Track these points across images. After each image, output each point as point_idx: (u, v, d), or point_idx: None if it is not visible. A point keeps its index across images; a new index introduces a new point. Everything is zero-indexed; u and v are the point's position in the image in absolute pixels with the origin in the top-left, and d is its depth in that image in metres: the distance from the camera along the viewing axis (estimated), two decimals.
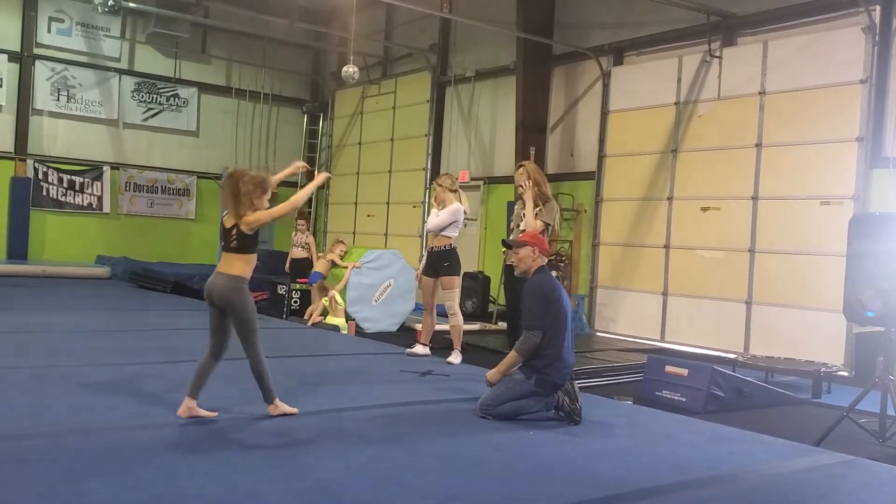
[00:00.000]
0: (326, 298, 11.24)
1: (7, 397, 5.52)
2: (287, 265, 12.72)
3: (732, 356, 9.89)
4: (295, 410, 5.41)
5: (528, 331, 5.74)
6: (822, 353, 9.64)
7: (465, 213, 8.60)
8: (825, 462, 5.16)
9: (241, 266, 5.20)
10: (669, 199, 12.12)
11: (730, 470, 4.86)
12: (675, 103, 12.13)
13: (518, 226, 7.77)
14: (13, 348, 7.60)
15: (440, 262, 8.45)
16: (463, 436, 5.23)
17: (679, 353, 10.31)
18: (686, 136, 12.01)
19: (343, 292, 11.28)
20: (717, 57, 11.59)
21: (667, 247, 12.11)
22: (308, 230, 13.03)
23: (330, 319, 11.13)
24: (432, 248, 8.52)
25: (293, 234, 12.70)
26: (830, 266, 9.73)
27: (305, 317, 11.76)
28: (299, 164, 6.06)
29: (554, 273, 6.07)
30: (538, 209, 7.57)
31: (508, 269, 7.99)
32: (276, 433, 4.98)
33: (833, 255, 9.61)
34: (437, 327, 8.93)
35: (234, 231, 5.19)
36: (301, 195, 5.51)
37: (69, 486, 3.77)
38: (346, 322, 11.16)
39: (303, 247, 12.63)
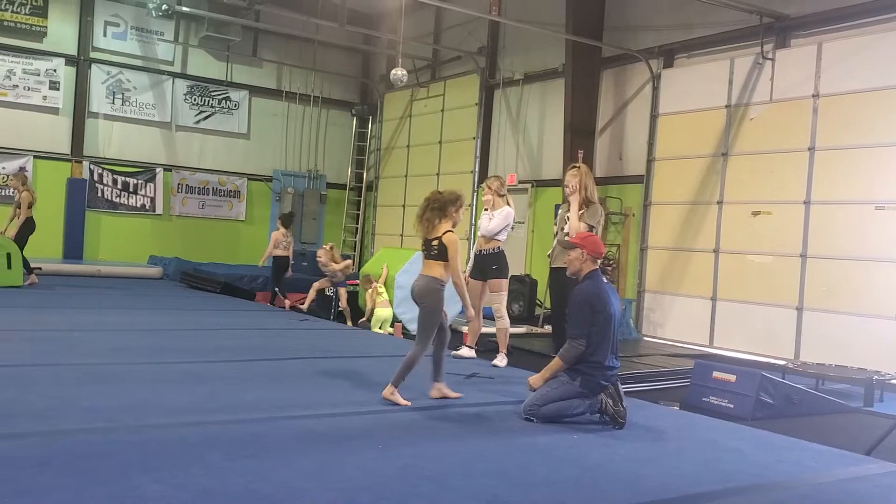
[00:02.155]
0: (370, 288, 11.33)
1: (63, 394, 5.65)
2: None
3: (782, 363, 9.75)
4: (407, 403, 5.96)
5: (573, 339, 5.73)
6: (875, 361, 9.47)
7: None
8: (876, 472, 5.05)
9: (440, 271, 6.11)
10: (719, 202, 11.99)
11: (777, 478, 4.79)
12: (726, 106, 12.00)
13: (562, 228, 7.74)
14: (69, 346, 7.77)
15: (489, 265, 8.45)
16: (507, 438, 5.23)
17: (728, 359, 10.19)
18: (737, 139, 11.87)
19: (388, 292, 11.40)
20: (769, 59, 11.45)
21: (716, 251, 11.98)
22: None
23: (377, 312, 11.16)
24: (480, 250, 8.51)
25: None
26: (885, 272, 9.57)
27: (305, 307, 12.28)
28: None
29: (605, 280, 6.02)
30: (582, 212, 7.55)
31: (553, 272, 7.96)
32: (322, 434, 5.03)
33: (887, 260, 9.45)
34: (483, 330, 8.93)
35: (436, 242, 6.13)
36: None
37: (120, 480, 3.85)
38: (393, 323, 11.23)
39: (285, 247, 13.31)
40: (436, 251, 6.12)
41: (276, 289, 13.40)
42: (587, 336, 5.68)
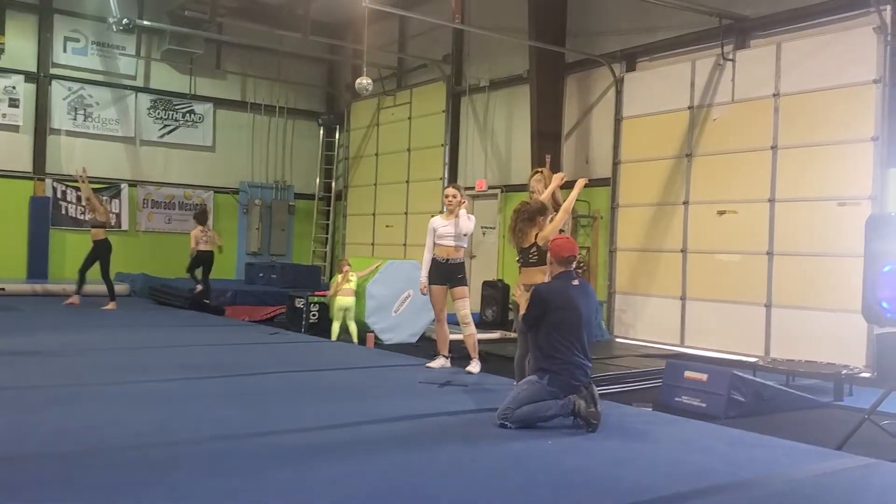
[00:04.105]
0: (342, 273, 11.21)
1: (24, 418, 5.54)
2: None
3: (753, 360, 9.83)
4: None
5: (524, 325, 6.12)
6: (843, 355, 9.56)
7: None
8: (847, 465, 5.11)
9: (542, 277, 6.27)
10: (685, 203, 12.07)
11: (750, 476, 4.82)
12: (689, 108, 12.09)
13: None
14: (34, 368, 7.65)
15: (455, 273, 8.42)
16: (481, 446, 5.22)
17: (699, 358, 10.24)
18: (700, 140, 11.97)
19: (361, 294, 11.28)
20: (730, 60, 11.55)
21: (684, 251, 12.06)
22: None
23: (338, 300, 11.00)
24: (448, 259, 8.43)
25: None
26: (849, 267, 9.65)
27: None
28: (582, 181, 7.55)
29: (574, 283, 6.07)
30: (553, 215, 7.57)
31: None
32: (293, 449, 4.98)
33: (852, 255, 9.54)
34: (454, 337, 8.91)
35: (534, 249, 6.46)
36: (570, 202, 6.97)
37: None
38: (366, 334, 11.16)
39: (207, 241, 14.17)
40: (535, 258, 6.48)
41: (191, 276, 14.38)
42: (535, 331, 5.90)
